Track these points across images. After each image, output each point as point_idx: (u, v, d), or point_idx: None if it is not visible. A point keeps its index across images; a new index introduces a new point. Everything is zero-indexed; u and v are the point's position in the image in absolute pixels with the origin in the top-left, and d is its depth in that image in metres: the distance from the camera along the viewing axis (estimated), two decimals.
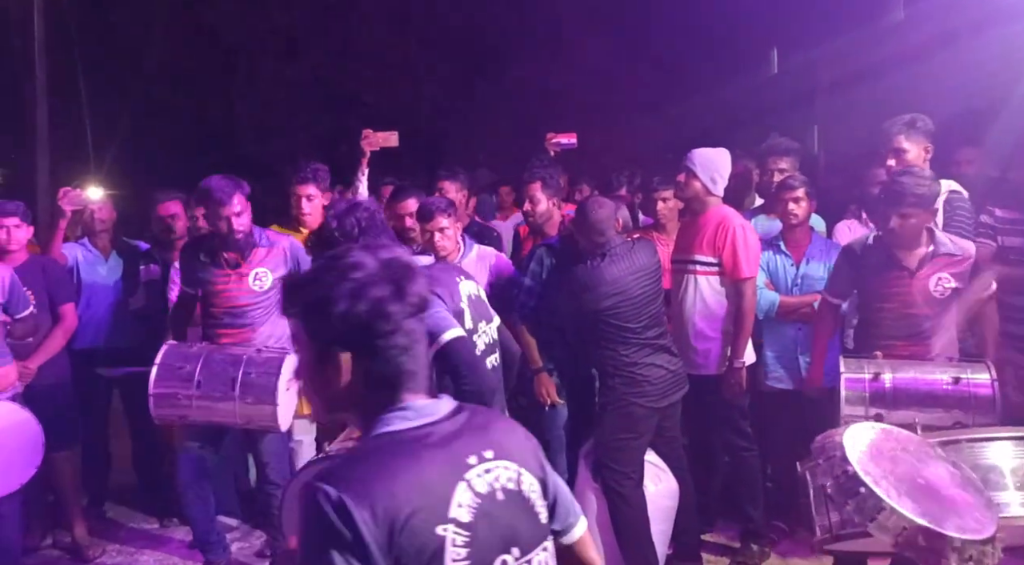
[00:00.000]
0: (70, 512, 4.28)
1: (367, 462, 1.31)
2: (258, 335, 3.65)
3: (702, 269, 3.76)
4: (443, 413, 1.39)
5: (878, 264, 3.32)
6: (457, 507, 1.30)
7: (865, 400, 3.06)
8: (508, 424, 1.50)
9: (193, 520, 3.76)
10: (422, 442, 1.34)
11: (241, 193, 3.59)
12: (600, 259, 3.43)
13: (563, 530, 1.53)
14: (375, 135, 4.54)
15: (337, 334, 1.35)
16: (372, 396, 1.37)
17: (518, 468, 1.41)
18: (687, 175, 3.79)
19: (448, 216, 3.71)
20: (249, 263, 3.65)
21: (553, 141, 4.88)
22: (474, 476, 1.34)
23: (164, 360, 3.39)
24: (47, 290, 4.08)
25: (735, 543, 4.02)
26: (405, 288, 1.35)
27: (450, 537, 1.28)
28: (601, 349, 3.48)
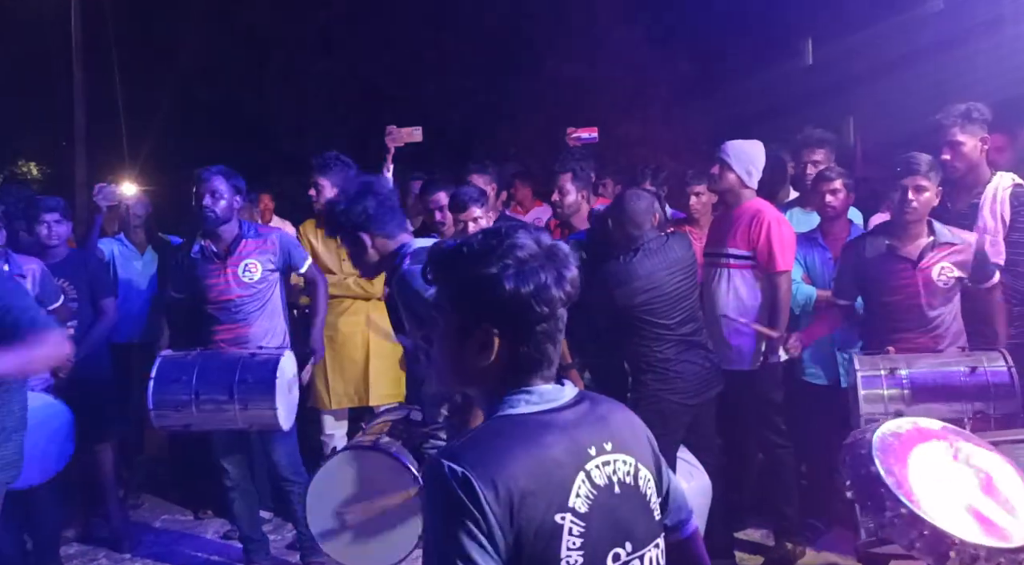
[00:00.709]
0: (108, 503, 4.35)
1: (491, 443, 1.31)
2: (254, 331, 3.66)
3: (735, 262, 3.70)
4: (566, 400, 1.39)
5: (880, 258, 3.32)
6: (575, 497, 1.30)
7: (883, 398, 3.01)
8: (627, 416, 1.48)
9: (238, 518, 3.82)
10: (545, 427, 1.34)
11: (225, 179, 3.62)
12: (634, 254, 3.38)
13: (675, 526, 1.53)
14: (399, 131, 4.57)
15: (495, 312, 1.33)
16: (506, 377, 1.37)
17: (636, 462, 1.40)
18: (721, 167, 3.74)
19: (481, 206, 3.71)
20: (238, 255, 3.66)
21: (574, 135, 4.85)
22: (593, 467, 1.34)
23: (160, 373, 3.41)
24: (88, 284, 4.15)
25: (769, 541, 3.97)
26: (565, 275, 1.35)
27: (567, 526, 1.29)
28: (633, 344, 3.44)
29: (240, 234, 3.68)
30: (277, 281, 3.76)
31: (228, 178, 3.62)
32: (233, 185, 3.64)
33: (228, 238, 3.66)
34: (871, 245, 3.37)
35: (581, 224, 4.09)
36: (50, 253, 4.08)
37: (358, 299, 4.27)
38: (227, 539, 4.35)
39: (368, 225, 2.64)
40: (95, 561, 4.16)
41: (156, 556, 4.20)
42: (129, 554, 4.21)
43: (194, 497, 4.78)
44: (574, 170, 4.05)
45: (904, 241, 3.29)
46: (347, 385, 4.23)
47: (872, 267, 3.34)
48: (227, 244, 3.66)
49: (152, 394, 3.38)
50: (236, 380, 3.35)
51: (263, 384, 3.36)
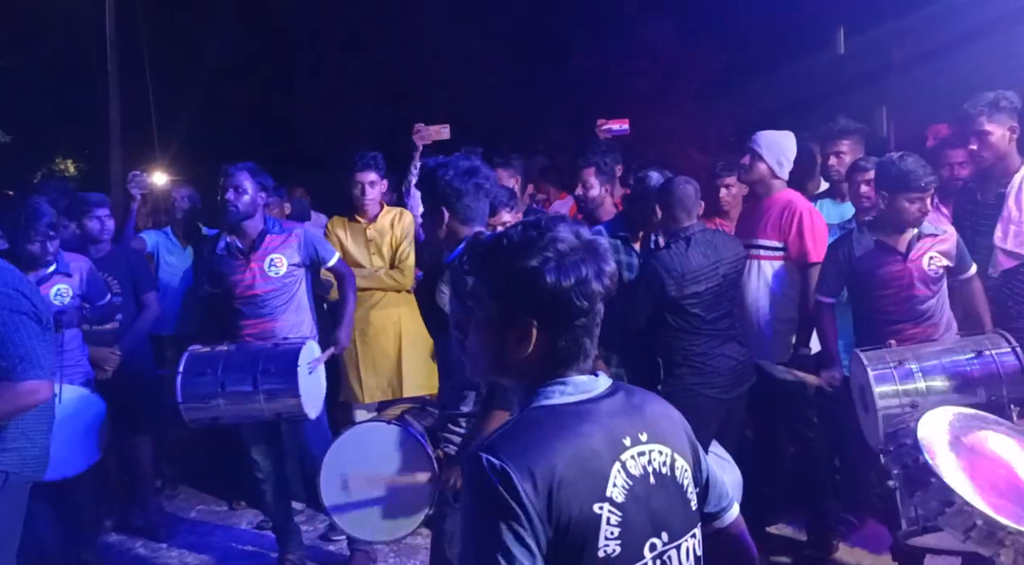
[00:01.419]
0: (146, 493, 4.44)
1: (528, 434, 1.32)
2: (280, 325, 3.70)
3: (766, 254, 3.67)
4: (601, 390, 1.40)
5: (870, 254, 3.34)
6: (612, 486, 1.31)
7: (898, 392, 2.99)
8: (662, 406, 1.47)
9: (270, 510, 3.87)
10: (582, 417, 1.34)
11: (250, 175, 3.66)
12: (685, 244, 3.36)
13: (716, 514, 1.53)
14: (427, 129, 4.59)
15: (535, 305, 1.34)
16: (543, 368, 1.38)
17: (672, 452, 1.40)
18: (752, 158, 3.70)
19: (511, 210, 3.71)
20: (263, 250, 3.71)
21: (604, 128, 4.82)
22: (628, 458, 1.34)
23: (187, 368, 3.46)
24: (131, 279, 4.25)
25: (801, 536, 3.93)
26: (604, 270, 1.36)
27: (605, 515, 1.29)
28: (670, 337, 3.42)
29: (265, 230, 3.72)
30: (303, 276, 3.80)
31: (253, 175, 3.66)
32: (259, 182, 3.68)
33: (253, 234, 3.70)
34: (859, 242, 3.39)
35: (606, 218, 4.07)
36: (94, 248, 4.18)
37: (389, 292, 4.30)
38: (260, 529, 4.41)
39: (454, 204, 2.59)
40: (132, 550, 4.25)
41: (191, 546, 4.27)
42: (165, 544, 4.28)
43: (228, 488, 4.86)
44: (598, 164, 4.05)
45: (891, 235, 3.32)
46: (379, 378, 4.26)
47: (862, 263, 3.36)
48: (252, 239, 3.70)
49: (180, 388, 3.43)
50: (259, 371, 3.40)
51: (285, 373, 3.40)
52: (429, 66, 14.61)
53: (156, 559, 4.14)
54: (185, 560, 4.12)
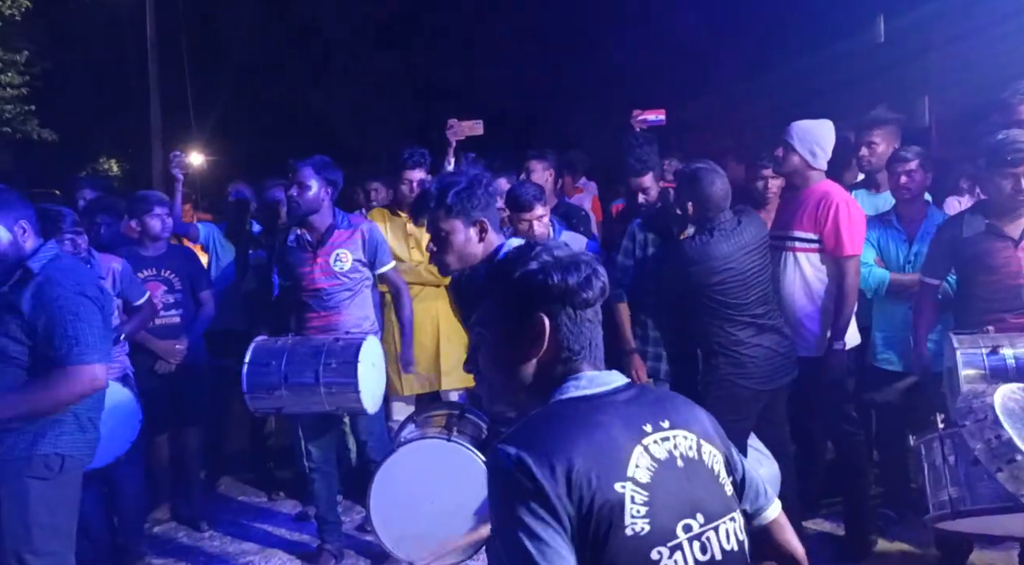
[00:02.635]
0: (191, 485, 4.55)
1: (542, 425, 1.36)
2: (344, 319, 3.75)
3: (801, 246, 3.62)
4: (617, 384, 1.43)
5: (979, 237, 3.22)
6: (635, 467, 1.32)
7: (986, 377, 2.90)
8: (684, 400, 1.49)
9: (317, 499, 3.93)
10: (597, 408, 1.37)
11: (314, 170, 3.70)
12: (709, 234, 3.34)
13: (754, 513, 1.52)
14: (460, 124, 4.60)
15: (544, 299, 1.41)
16: (556, 367, 1.42)
17: (697, 438, 1.41)
18: (785, 149, 3.65)
19: (543, 204, 3.72)
20: (329, 245, 3.76)
21: (640, 118, 4.76)
22: (651, 442, 1.36)
23: (252, 359, 3.53)
24: (189, 276, 4.37)
25: (840, 531, 3.88)
26: (599, 271, 1.45)
27: (628, 494, 1.30)
28: (705, 326, 3.40)
29: (333, 224, 3.77)
30: (368, 272, 3.85)
31: (319, 171, 3.70)
32: (325, 178, 3.72)
33: (321, 228, 3.75)
34: (969, 224, 3.27)
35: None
36: (154, 246, 4.30)
37: (428, 286, 4.34)
38: (299, 520, 4.49)
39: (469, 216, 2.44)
40: (175, 539, 4.35)
41: (233, 535, 4.36)
42: (207, 533, 4.38)
43: (267, 479, 4.96)
44: (654, 169, 3.98)
45: (1004, 220, 3.19)
46: (418, 371, 4.30)
47: (970, 246, 3.25)
48: (320, 234, 3.76)
49: (246, 377, 3.50)
50: (321, 365, 3.45)
51: (346, 368, 3.45)
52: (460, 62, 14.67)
53: (199, 548, 4.23)
54: (227, 549, 4.21)
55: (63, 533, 2.59)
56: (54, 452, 2.54)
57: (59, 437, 2.55)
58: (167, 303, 4.30)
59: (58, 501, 2.57)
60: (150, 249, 4.29)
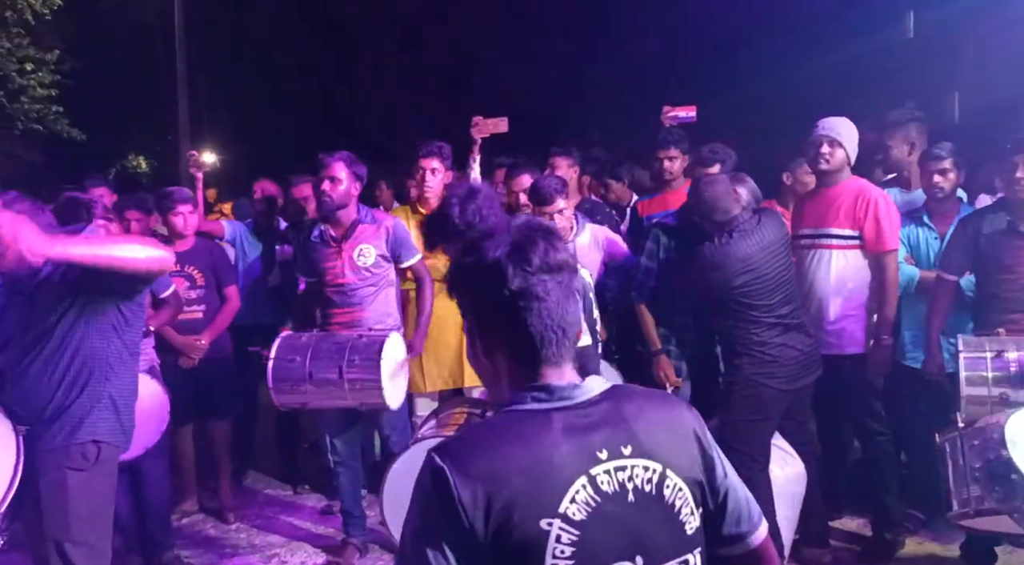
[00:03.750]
0: (219, 478, 4.60)
1: (482, 439, 1.27)
2: (368, 315, 3.77)
3: (838, 243, 3.59)
4: (582, 398, 1.30)
5: (998, 234, 3.19)
6: (570, 502, 1.21)
7: (987, 380, 2.89)
8: (668, 417, 1.33)
9: (341, 493, 3.97)
10: (547, 426, 1.25)
11: (345, 164, 3.71)
12: (728, 236, 3.31)
13: (734, 538, 1.39)
14: (485, 122, 4.61)
15: (476, 297, 1.34)
16: (517, 372, 1.32)
17: (661, 469, 1.28)
18: (831, 145, 3.60)
19: (565, 197, 3.72)
20: (354, 239, 3.77)
21: (670, 115, 4.73)
22: (600, 471, 1.24)
23: (278, 354, 3.57)
24: (214, 272, 4.42)
25: (866, 531, 3.86)
26: (527, 247, 1.30)
27: (554, 533, 1.20)
28: (729, 328, 3.39)
29: (357, 219, 3.79)
30: (392, 267, 3.87)
31: (349, 165, 3.72)
32: (354, 172, 3.74)
33: (346, 223, 3.77)
34: (990, 221, 3.25)
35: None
36: (180, 242, 4.36)
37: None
38: (324, 514, 4.53)
39: (481, 225, 2.49)
40: (203, 531, 4.41)
41: (259, 527, 4.41)
42: (234, 525, 4.44)
43: (293, 473, 5.01)
44: (679, 145, 3.93)
45: (1023, 218, 3.14)
46: (441, 368, 4.31)
47: (989, 243, 3.22)
48: (345, 229, 3.78)
49: (271, 372, 3.55)
50: (345, 361, 3.49)
51: (369, 364, 3.48)
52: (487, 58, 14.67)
53: (226, 540, 4.29)
54: (253, 541, 4.26)
55: (100, 523, 2.64)
56: (91, 440, 2.58)
57: (96, 424, 2.60)
58: (189, 299, 4.34)
59: (95, 491, 2.61)
60: (176, 245, 4.35)
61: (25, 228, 2.03)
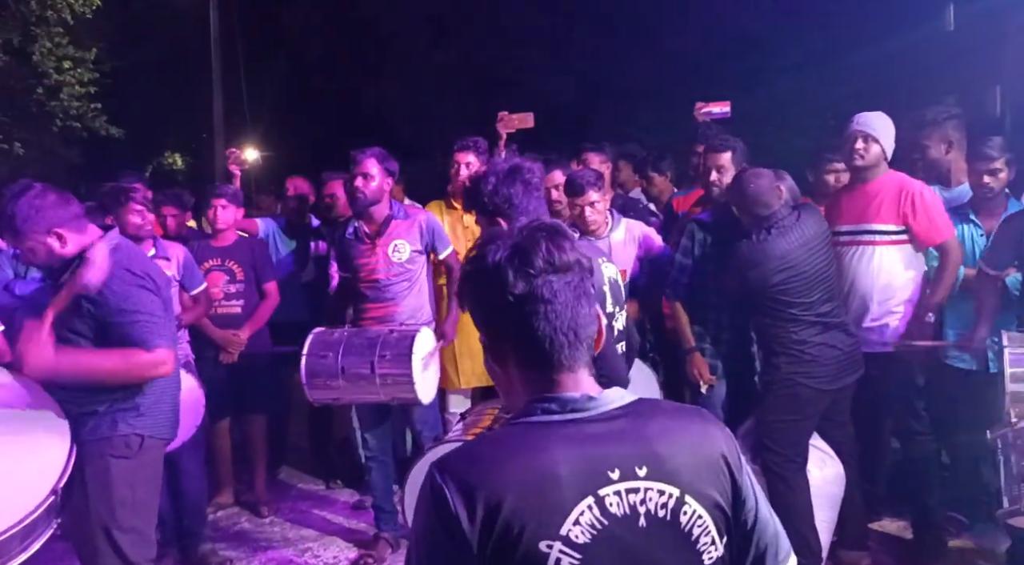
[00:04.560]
0: (255, 472, 4.65)
1: (485, 451, 1.21)
2: (401, 310, 3.78)
3: (882, 239, 3.51)
4: (597, 411, 1.22)
5: None
6: (573, 524, 1.14)
7: None
8: (691, 438, 1.24)
9: (373, 488, 3.99)
10: (556, 440, 1.18)
11: (377, 160, 3.72)
12: (767, 233, 3.26)
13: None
14: (511, 117, 4.62)
15: (476, 309, 1.28)
16: (528, 378, 1.25)
17: (679, 494, 1.19)
18: (867, 140, 3.52)
19: (598, 189, 3.69)
20: (388, 235, 3.78)
21: (703, 110, 4.66)
22: (610, 493, 1.16)
23: (311, 349, 3.60)
24: (254, 268, 4.47)
25: (906, 534, 3.78)
26: (529, 249, 1.23)
27: (554, 556, 1.13)
28: (767, 326, 3.33)
29: (391, 215, 3.80)
30: (425, 262, 3.88)
31: (381, 161, 3.74)
32: (385, 168, 3.75)
33: (379, 219, 3.79)
34: None
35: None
36: (222, 236, 4.41)
37: None
38: (356, 509, 4.56)
39: (508, 211, 2.43)
40: (237, 524, 4.45)
41: (293, 521, 4.45)
42: (269, 518, 4.48)
43: (325, 468, 5.05)
44: (734, 148, 3.87)
45: None
46: (475, 364, 4.30)
47: None
48: (378, 225, 3.80)
49: (304, 367, 3.58)
50: (376, 356, 3.50)
51: (400, 359, 3.49)
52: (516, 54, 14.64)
53: (260, 533, 4.33)
54: (287, 535, 4.30)
55: (145, 510, 2.68)
56: (133, 433, 2.62)
57: (137, 419, 2.63)
58: (228, 293, 4.40)
59: (139, 479, 2.65)
60: (218, 239, 4.41)
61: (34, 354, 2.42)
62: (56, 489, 2.34)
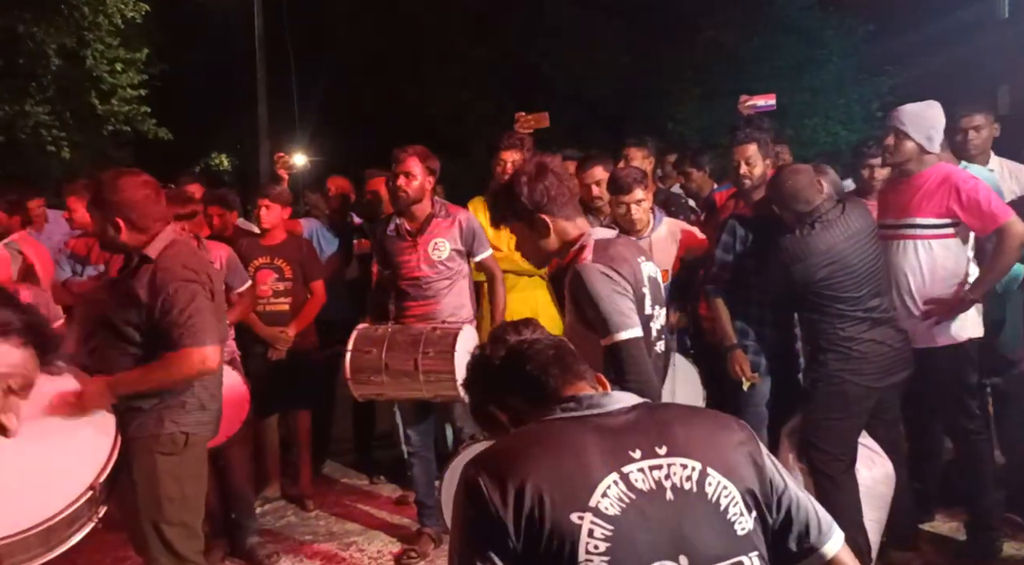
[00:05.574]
0: (301, 466, 4.72)
1: (511, 443, 1.33)
2: (441, 308, 3.80)
3: (923, 232, 3.42)
4: (613, 407, 1.34)
5: None
6: (602, 497, 1.22)
7: None
8: (705, 424, 1.34)
9: (416, 483, 4.03)
10: (576, 429, 1.30)
11: (419, 159, 3.74)
12: (811, 228, 3.20)
13: (804, 552, 1.34)
14: (527, 118, 4.68)
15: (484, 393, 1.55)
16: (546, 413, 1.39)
17: (701, 467, 1.26)
18: (897, 136, 3.43)
19: (644, 187, 3.66)
20: (428, 233, 3.80)
21: (748, 104, 4.59)
22: (634, 469, 1.24)
23: (355, 346, 3.63)
24: (302, 266, 4.54)
25: (960, 535, 3.68)
26: (498, 336, 1.56)
27: (586, 526, 1.20)
28: (813, 322, 3.28)
29: (432, 213, 3.82)
30: (464, 261, 3.90)
31: (423, 159, 3.76)
32: (427, 166, 3.78)
33: (420, 217, 3.82)
34: None
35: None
36: (270, 235, 4.50)
37: (526, 275, 4.34)
38: (399, 503, 4.60)
39: (550, 206, 2.41)
40: (285, 517, 4.53)
41: (338, 515, 4.50)
42: (314, 512, 4.54)
43: (368, 463, 5.10)
44: (759, 141, 3.81)
45: None
46: None
47: None
48: (419, 223, 3.82)
49: (349, 363, 3.63)
50: (420, 353, 3.53)
51: (443, 356, 3.51)
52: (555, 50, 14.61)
53: (305, 527, 4.39)
54: (331, 529, 4.35)
55: (192, 504, 2.74)
56: (179, 430, 2.68)
57: (182, 416, 2.69)
58: (276, 291, 4.48)
59: (186, 475, 2.71)
60: (266, 238, 4.49)
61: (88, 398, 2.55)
62: (95, 485, 2.41)
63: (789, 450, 3.39)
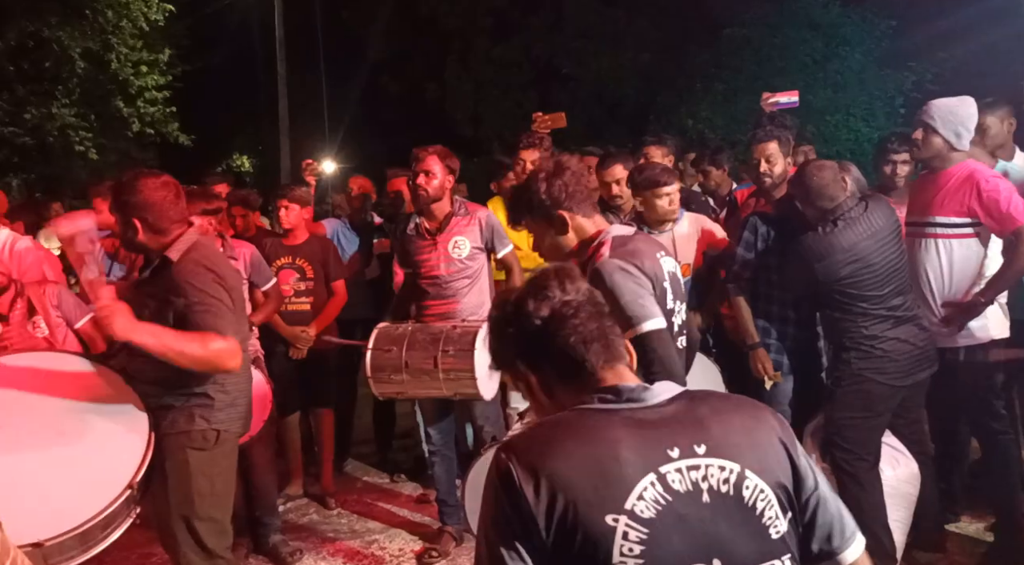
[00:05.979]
0: (323, 465, 4.76)
1: (547, 433, 1.27)
2: (462, 306, 3.81)
3: (943, 231, 3.37)
4: (652, 401, 1.29)
5: None
6: (638, 499, 1.18)
7: None
8: (744, 420, 1.30)
9: (437, 481, 4.04)
10: (613, 423, 1.25)
11: (439, 158, 3.75)
12: (833, 225, 3.17)
13: (823, 555, 1.32)
14: (544, 118, 4.71)
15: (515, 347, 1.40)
16: (578, 392, 1.33)
17: (739, 469, 1.24)
18: (925, 131, 3.38)
19: (674, 182, 3.67)
20: (448, 232, 3.81)
21: (771, 101, 4.56)
22: (671, 470, 1.21)
23: (375, 344, 3.65)
24: (324, 266, 4.57)
25: (987, 537, 3.64)
26: (541, 285, 1.38)
27: (621, 529, 1.17)
28: (836, 320, 3.25)
29: (451, 212, 3.84)
30: (485, 259, 3.91)
31: (443, 158, 3.78)
32: (447, 165, 3.80)
33: (440, 215, 3.83)
34: None
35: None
36: (293, 235, 4.54)
37: None
38: (420, 502, 4.62)
39: (568, 203, 2.42)
40: (307, 515, 4.56)
41: (359, 513, 4.53)
42: (336, 510, 4.57)
43: (389, 462, 5.13)
44: (779, 138, 3.75)
45: None
46: None
47: None
48: (439, 222, 3.84)
49: (369, 362, 3.65)
50: (440, 351, 3.54)
51: (463, 355, 3.52)
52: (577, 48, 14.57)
53: (327, 524, 4.42)
54: (353, 527, 4.38)
55: (222, 500, 2.78)
56: (210, 427, 2.71)
57: (213, 413, 2.73)
58: (298, 290, 4.51)
59: (217, 471, 2.75)
60: (289, 238, 4.54)
61: (117, 318, 2.50)
62: (133, 483, 2.44)
63: (812, 449, 3.36)
